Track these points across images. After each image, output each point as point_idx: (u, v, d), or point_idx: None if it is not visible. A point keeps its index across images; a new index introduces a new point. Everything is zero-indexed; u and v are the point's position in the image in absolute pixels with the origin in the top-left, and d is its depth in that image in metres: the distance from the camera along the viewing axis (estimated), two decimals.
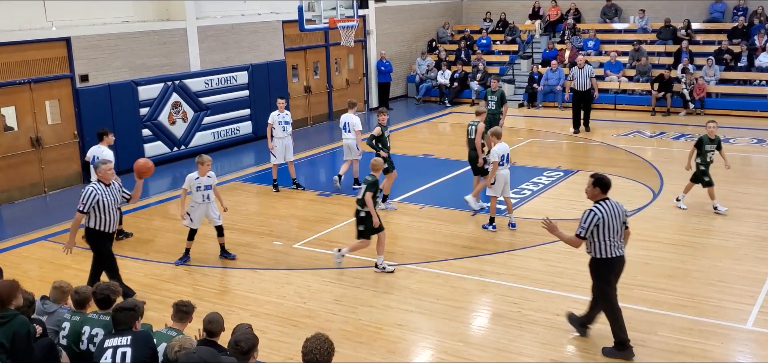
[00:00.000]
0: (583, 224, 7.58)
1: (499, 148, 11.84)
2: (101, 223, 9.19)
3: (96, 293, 6.65)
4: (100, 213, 9.12)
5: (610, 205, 7.65)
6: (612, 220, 7.58)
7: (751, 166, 16.06)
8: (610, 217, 7.58)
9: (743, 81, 21.82)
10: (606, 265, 7.68)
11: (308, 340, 5.04)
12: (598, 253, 7.68)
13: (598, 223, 7.53)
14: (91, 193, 9.07)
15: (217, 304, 9.30)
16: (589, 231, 7.56)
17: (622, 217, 7.72)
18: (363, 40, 24.08)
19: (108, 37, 16.30)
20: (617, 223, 7.63)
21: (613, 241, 7.62)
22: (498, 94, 16.45)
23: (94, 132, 15.77)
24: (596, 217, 7.53)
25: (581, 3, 26.66)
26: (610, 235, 7.59)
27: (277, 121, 14.41)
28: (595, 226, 7.54)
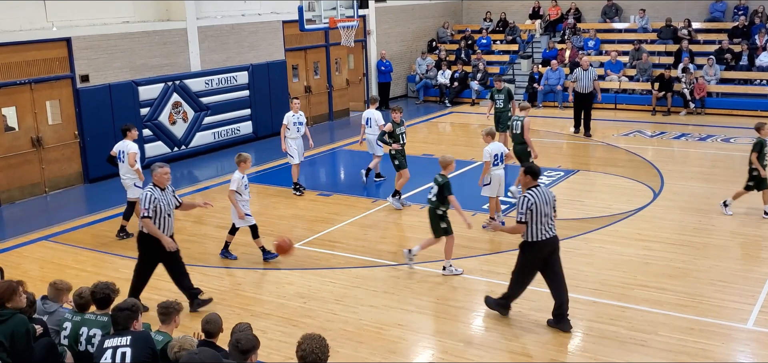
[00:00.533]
0: (520, 210, 8.22)
1: (491, 147, 11.80)
2: (161, 225, 8.93)
3: (95, 293, 6.65)
4: (155, 217, 8.88)
5: (541, 192, 8.30)
6: (543, 205, 8.22)
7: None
8: (542, 202, 8.21)
9: (744, 80, 21.80)
10: (534, 247, 8.33)
11: (304, 341, 5.01)
12: (529, 236, 8.29)
13: (532, 206, 8.17)
14: (150, 196, 8.84)
15: (217, 304, 9.29)
16: (525, 215, 8.16)
17: (552, 202, 8.38)
18: (363, 40, 24.08)
19: (108, 37, 16.30)
20: (548, 207, 8.28)
21: (543, 224, 8.25)
22: (505, 92, 16.48)
23: (94, 132, 15.86)
24: (530, 201, 8.18)
25: (581, 3, 26.65)
26: (540, 219, 8.22)
27: (292, 122, 14.29)
28: (529, 209, 8.16)
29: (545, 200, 8.24)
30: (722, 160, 16.14)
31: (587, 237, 11.46)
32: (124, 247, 11.87)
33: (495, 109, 16.55)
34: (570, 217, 12.33)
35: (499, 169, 11.86)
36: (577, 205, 13.14)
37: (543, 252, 8.37)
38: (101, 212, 13.89)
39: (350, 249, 11.40)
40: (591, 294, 9.37)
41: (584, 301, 9.21)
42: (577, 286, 9.62)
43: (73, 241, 12.34)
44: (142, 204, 8.82)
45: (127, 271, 10.69)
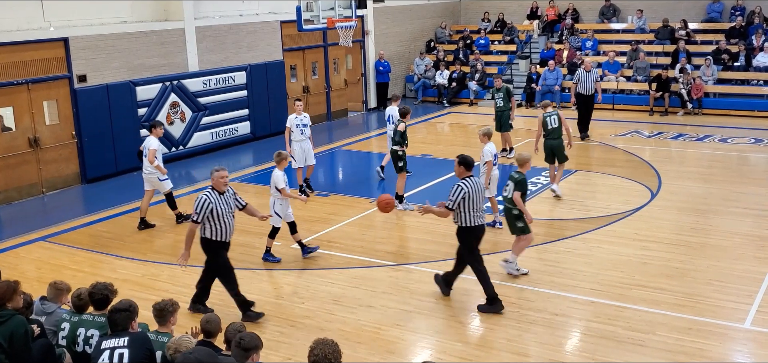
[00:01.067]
0: (451, 197, 8.74)
1: (490, 147, 11.81)
2: (216, 232, 8.74)
3: (94, 293, 6.64)
4: (214, 222, 8.67)
5: (473, 182, 8.85)
6: (475, 194, 8.77)
7: (749, 165, 16.07)
8: (474, 191, 8.76)
9: (741, 81, 21.83)
10: (470, 232, 8.92)
11: (316, 345, 4.98)
12: (464, 222, 8.87)
13: (464, 196, 8.72)
14: (205, 201, 8.62)
15: (215, 304, 9.28)
16: (457, 203, 8.72)
17: (482, 192, 9.02)
18: (361, 41, 24.07)
19: (106, 37, 16.28)
20: (479, 197, 8.88)
21: (477, 212, 8.85)
22: (504, 91, 16.56)
23: (92, 132, 15.86)
24: (463, 191, 8.73)
25: (579, 3, 26.67)
26: (474, 208, 8.80)
27: (295, 124, 14.10)
28: (462, 198, 8.72)
29: (477, 189, 8.84)
30: (720, 160, 16.16)
31: (585, 237, 11.48)
32: (122, 247, 11.87)
33: (495, 109, 16.62)
34: (568, 217, 12.35)
35: (495, 169, 11.92)
36: (575, 206, 13.16)
37: (478, 235, 8.99)
38: (98, 213, 13.88)
39: (348, 249, 11.39)
40: (589, 294, 9.38)
41: (582, 301, 9.22)
42: (575, 286, 9.63)
43: (71, 241, 12.33)
44: (195, 208, 8.64)
45: (125, 272, 10.72)
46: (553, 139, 13.57)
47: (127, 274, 10.62)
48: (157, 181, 12.69)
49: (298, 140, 14.12)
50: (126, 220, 13.41)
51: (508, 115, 16.52)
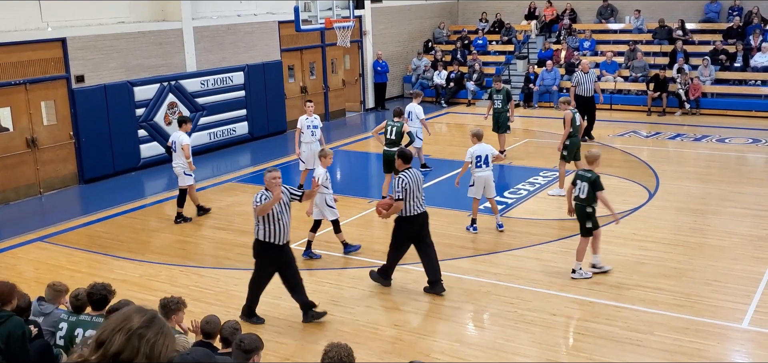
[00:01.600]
0: (397, 189, 9.31)
1: (474, 149, 11.80)
2: (269, 233, 8.54)
3: (92, 293, 6.64)
4: (267, 223, 8.51)
5: (413, 173, 9.46)
6: (415, 184, 9.35)
7: (747, 165, 16.09)
8: (414, 182, 9.36)
9: (739, 81, 21.86)
10: (408, 221, 9.43)
11: (331, 348, 4.97)
12: (404, 212, 9.38)
13: (406, 186, 9.28)
14: (261, 196, 8.49)
15: (212, 305, 9.28)
16: (401, 193, 9.25)
17: (421, 183, 9.55)
18: (359, 41, 24.07)
19: (104, 37, 16.26)
20: (419, 186, 9.45)
21: (416, 202, 9.39)
22: (503, 92, 16.54)
23: (90, 133, 15.84)
24: (405, 181, 9.31)
25: (577, 3, 26.69)
26: (415, 197, 9.36)
27: (306, 125, 14.07)
28: (404, 188, 9.26)
29: (417, 180, 9.42)
30: (717, 160, 16.18)
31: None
32: (119, 248, 11.86)
33: (493, 110, 16.58)
34: (566, 217, 12.34)
35: (483, 171, 11.78)
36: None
37: (415, 226, 9.46)
38: (96, 213, 13.87)
39: None
40: (587, 294, 9.38)
41: (580, 300, 9.23)
42: (573, 286, 9.64)
43: (68, 242, 12.32)
44: (253, 205, 8.50)
45: (123, 272, 10.71)
46: (574, 134, 13.64)
47: (125, 275, 10.61)
48: (182, 174, 12.93)
49: (307, 142, 14.10)
50: (124, 220, 13.41)
51: (506, 117, 16.50)
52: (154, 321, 2.65)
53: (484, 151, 11.78)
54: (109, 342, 2.58)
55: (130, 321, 2.62)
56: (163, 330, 2.66)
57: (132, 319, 2.63)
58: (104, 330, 2.62)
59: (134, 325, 2.61)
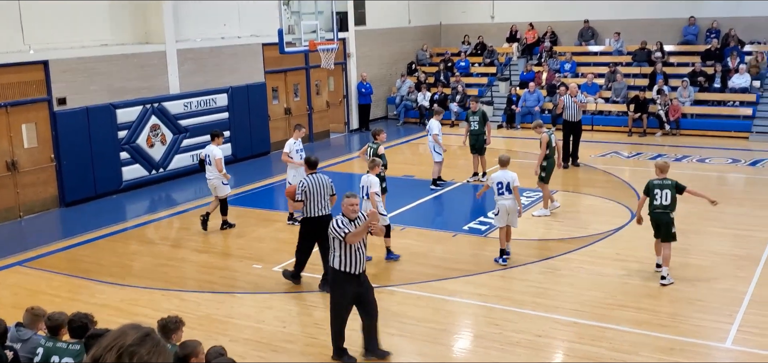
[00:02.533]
0: (298, 191, 10.22)
1: (495, 174, 11.42)
2: (345, 262, 8.14)
3: (73, 321, 6.56)
4: (344, 251, 8.12)
5: (316, 178, 10.30)
6: (317, 188, 10.19)
7: (727, 185, 16.24)
8: (316, 186, 10.19)
9: (717, 102, 22.12)
10: (311, 222, 10.26)
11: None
12: (306, 213, 10.26)
13: (305, 189, 10.15)
14: (340, 222, 8.12)
15: (195, 329, 9.17)
16: (302, 194, 10.15)
17: (328, 187, 10.32)
18: (343, 63, 24.13)
19: (86, 60, 16.18)
20: (323, 191, 10.24)
21: (318, 205, 10.21)
22: (479, 114, 16.52)
23: (71, 155, 15.71)
24: (304, 184, 10.22)
25: (557, 25, 26.95)
26: (316, 200, 10.18)
27: (294, 149, 13.87)
28: (304, 191, 10.10)
29: (321, 184, 10.24)
30: (698, 180, 16.29)
31: (567, 257, 11.51)
32: (100, 272, 11.73)
33: (470, 132, 16.59)
34: (549, 238, 12.39)
35: (503, 198, 11.21)
36: (556, 226, 13.21)
37: (316, 226, 10.18)
38: (77, 237, 13.72)
39: None
40: (572, 314, 9.39)
41: (565, 321, 9.23)
42: (557, 307, 9.64)
43: (48, 266, 12.16)
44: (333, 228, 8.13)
45: (103, 296, 10.59)
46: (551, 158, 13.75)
47: (106, 299, 10.48)
48: (219, 185, 13.49)
49: (294, 167, 13.75)
50: (105, 244, 13.28)
51: (483, 139, 16.48)
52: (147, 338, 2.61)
53: (505, 178, 11.24)
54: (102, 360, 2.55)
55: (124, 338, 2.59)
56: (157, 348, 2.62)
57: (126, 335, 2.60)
58: (98, 347, 2.59)
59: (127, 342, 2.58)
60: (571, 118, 17.70)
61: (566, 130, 17.81)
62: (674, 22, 25.06)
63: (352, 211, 8.21)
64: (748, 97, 21.71)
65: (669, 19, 25.11)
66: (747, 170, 17.23)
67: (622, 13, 25.72)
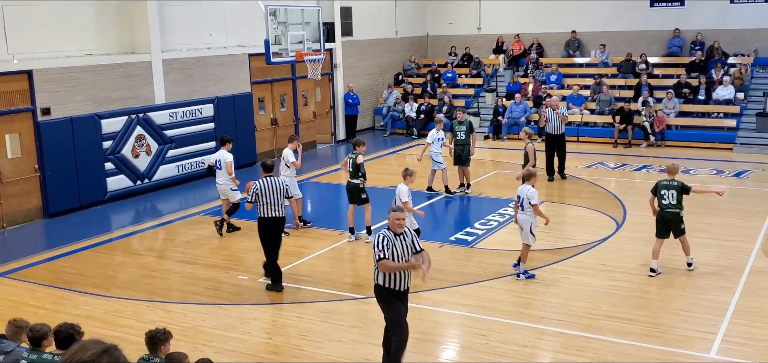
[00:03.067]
0: (250, 194, 10.85)
1: (518, 189, 11.24)
2: (390, 278, 7.76)
3: (59, 331, 6.50)
4: None
5: (270, 181, 10.84)
6: (270, 191, 10.75)
7: (712, 196, 16.30)
8: (268, 188, 10.76)
9: (702, 113, 22.30)
10: (263, 221, 10.84)
11: None
12: (259, 213, 10.83)
13: (257, 191, 10.76)
14: (383, 240, 7.67)
15: (179, 341, 9.11)
16: (253, 196, 10.78)
17: (281, 190, 10.85)
18: (330, 74, 24.14)
19: (71, 69, 16.09)
20: (275, 193, 10.77)
21: (270, 206, 10.78)
22: (466, 125, 16.53)
23: (55, 166, 15.60)
24: (256, 186, 10.81)
25: (543, 37, 27.11)
26: (268, 202, 10.76)
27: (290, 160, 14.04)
28: (256, 193, 10.76)
29: (273, 187, 10.77)
30: None
31: (553, 268, 11.53)
32: (84, 283, 11.63)
33: (455, 142, 16.59)
34: (535, 248, 12.39)
35: (520, 213, 11.05)
36: (542, 236, 13.20)
37: (270, 226, 10.79)
38: (61, 248, 13.60)
39: (317, 283, 11.30)
40: (557, 325, 9.40)
41: (551, 332, 9.24)
42: (543, 318, 9.65)
43: (32, 277, 12.04)
44: (375, 245, 7.71)
45: (87, 308, 10.50)
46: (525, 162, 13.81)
47: (90, 311, 10.39)
48: (229, 191, 13.80)
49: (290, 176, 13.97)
50: (89, 255, 13.17)
51: (468, 150, 16.49)
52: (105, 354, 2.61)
53: (521, 193, 11.03)
54: None
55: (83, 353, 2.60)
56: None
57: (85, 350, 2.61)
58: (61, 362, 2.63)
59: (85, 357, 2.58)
60: (553, 132, 17.45)
61: (549, 143, 17.57)
62: (659, 34, 25.29)
63: (399, 225, 7.77)
64: (732, 109, 21.90)
65: (654, 31, 25.34)
66: (731, 181, 17.35)
67: (607, 25, 25.95)
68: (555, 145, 17.51)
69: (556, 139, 17.48)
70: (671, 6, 25.12)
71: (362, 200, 13.10)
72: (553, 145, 17.55)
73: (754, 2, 23.84)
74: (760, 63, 23.62)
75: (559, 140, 17.51)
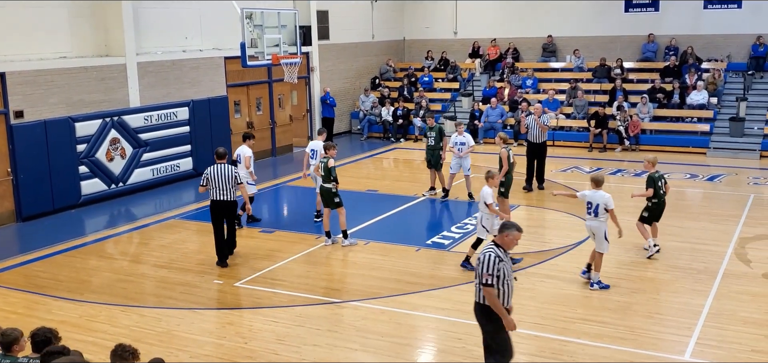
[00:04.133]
0: (201, 178, 12.06)
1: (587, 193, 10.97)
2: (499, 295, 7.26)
3: (36, 335, 6.42)
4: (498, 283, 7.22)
5: (219, 167, 12.00)
6: (219, 176, 11.95)
7: (685, 200, 16.53)
8: (218, 174, 11.97)
9: (676, 118, 22.57)
10: (213, 204, 12.10)
11: None
12: (211, 196, 12.04)
13: (207, 176, 12.02)
14: (494, 259, 7.17)
15: (154, 346, 9.04)
16: (204, 179, 12.04)
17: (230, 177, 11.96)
18: (306, 77, 24.09)
19: (45, 72, 15.89)
20: (224, 179, 11.93)
21: (219, 190, 11.98)
22: (436, 130, 16.63)
23: (28, 169, 15.39)
24: (207, 173, 12.05)
25: (519, 42, 27.27)
26: (216, 186, 11.97)
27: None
28: (205, 177, 11.99)
29: (221, 174, 11.92)
30: None
31: (528, 271, 11.59)
32: (58, 288, 11.49)
33: (427, 147, 16.73)
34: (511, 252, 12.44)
35: (591, 220, 10.82)
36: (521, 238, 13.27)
37: (219, 209, 12.05)
38: (34, 252, 13.41)
39: (293, 287, 11.27)
40: (533, 328, 9.45)
41: (526, 335, 9.28)
42: (519, 321, 9.63)
43: (4, 282, 11.86)
44: (483, 268, 7.20)
45: (61, 313, 10.37)
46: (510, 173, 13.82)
47: (64, 316, 10.26)
48: (246, 184, 13.70)
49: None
50: (63, 259, 13.01)
51: (439, 155, 16.59)
52: None
53: (595, 199, 10.72)
54: None
55: None
56: None
57: None
58: None
59: None
60: (534, 140, 17.13)
61: (529, 151, 17.26)
62: (633, 39, 25.58)
63: (514, 244, 7.38)
64: (705, 114, 22.19)
65: (628, 36, 25.63)
66: (705, 185, 17.57)
67: (582, 30, 26.19)
68: (534, 154, 17.19)
69: (535, 147, 17.17)
70: (645, 11, 25.42)
71: (336, 204, 13.07)
72: (532, 153, 17.23)
73: (727, 8, 24.20)
74: (733, 68, 23.97)
75: (539, 149, 17.18)
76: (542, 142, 17.15)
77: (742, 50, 24.19)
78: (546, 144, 17.38)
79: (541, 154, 17.25)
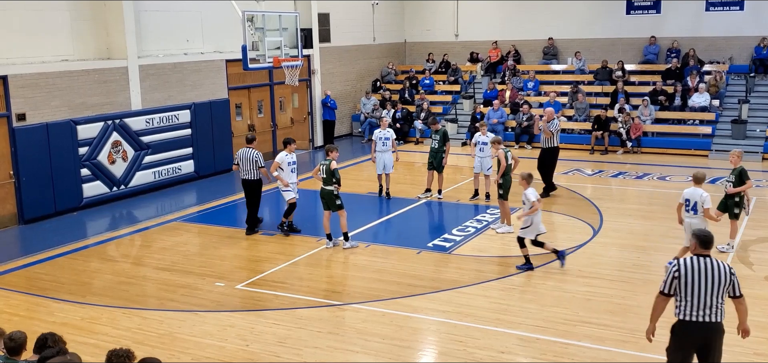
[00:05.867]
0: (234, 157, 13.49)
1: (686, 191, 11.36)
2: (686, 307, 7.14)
3: (39, 339, 6.42)
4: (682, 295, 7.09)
5: (246, 151, 13.55)
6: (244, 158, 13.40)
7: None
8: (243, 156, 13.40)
9: (677, 120, 22.56)
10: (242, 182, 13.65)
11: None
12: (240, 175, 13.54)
13: (238, 157, 13.33)
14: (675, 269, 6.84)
15: (156, 348, 9.05)
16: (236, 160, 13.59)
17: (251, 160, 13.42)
18: (308, 80, 24.11)
19: (47, 75, 15.91)
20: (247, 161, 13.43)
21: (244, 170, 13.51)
22: (440, 133, 16.65)
23: (30, 172, 15.42)
24: (238, 152, 13.29)
25: (520, 44, 27.28)
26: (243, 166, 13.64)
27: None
28: (237, 159, 13.48)
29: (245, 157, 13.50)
30: (659, 197, 16.57)
31: (530, 273, 11.59)
32: (60, 290, 11.51)
33: (430, 149, 16.77)
34: (513, 254, 12.45)
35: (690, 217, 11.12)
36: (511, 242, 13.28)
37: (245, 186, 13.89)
38: (36, 254, 13.44)
39: (294, 289, 11.27)
40: (534, 331, 9.44)
41: (528, 338, 9.28)
42: (520, 324, 9.69)
43: (6, 284, 11.89)
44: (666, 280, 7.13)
45: (63, 315, 10.38)
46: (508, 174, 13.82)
47: (66, 318, 10.28)
48: (282, 191, 14.15)
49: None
50: (64, 261, 13.03)
51: (441, 158, 16.60)
52: None
53: (693, 197, 10.95)
54: None
55: None
56: None
57: None
58: None
59: None
60: (542, 145, 16.79)
61: (540, 156, 16.92)
62: (635, 41, 25.57)
63: None
64: (707, 116, 22.18)
65: (630, 39, 25.63)
66: (707, 188, 17.47)
67: (583, 32, 26.20)
68: (543, 159, 16.77)
69: (544, 153, 16.75)
70: (647, 14, 25.42)
71: (337, 206, 13.07)
72: (541, 159, 16.83)
73: (729, 10, 24.20)
74: (735, 70, 23.97)
75: (547, 154, 16.73)
76: (549, 147, 16.60)
77: (744, 52, 24.19)
78: (554, 150, 16.65)
79: (548, 159, 16.74)
